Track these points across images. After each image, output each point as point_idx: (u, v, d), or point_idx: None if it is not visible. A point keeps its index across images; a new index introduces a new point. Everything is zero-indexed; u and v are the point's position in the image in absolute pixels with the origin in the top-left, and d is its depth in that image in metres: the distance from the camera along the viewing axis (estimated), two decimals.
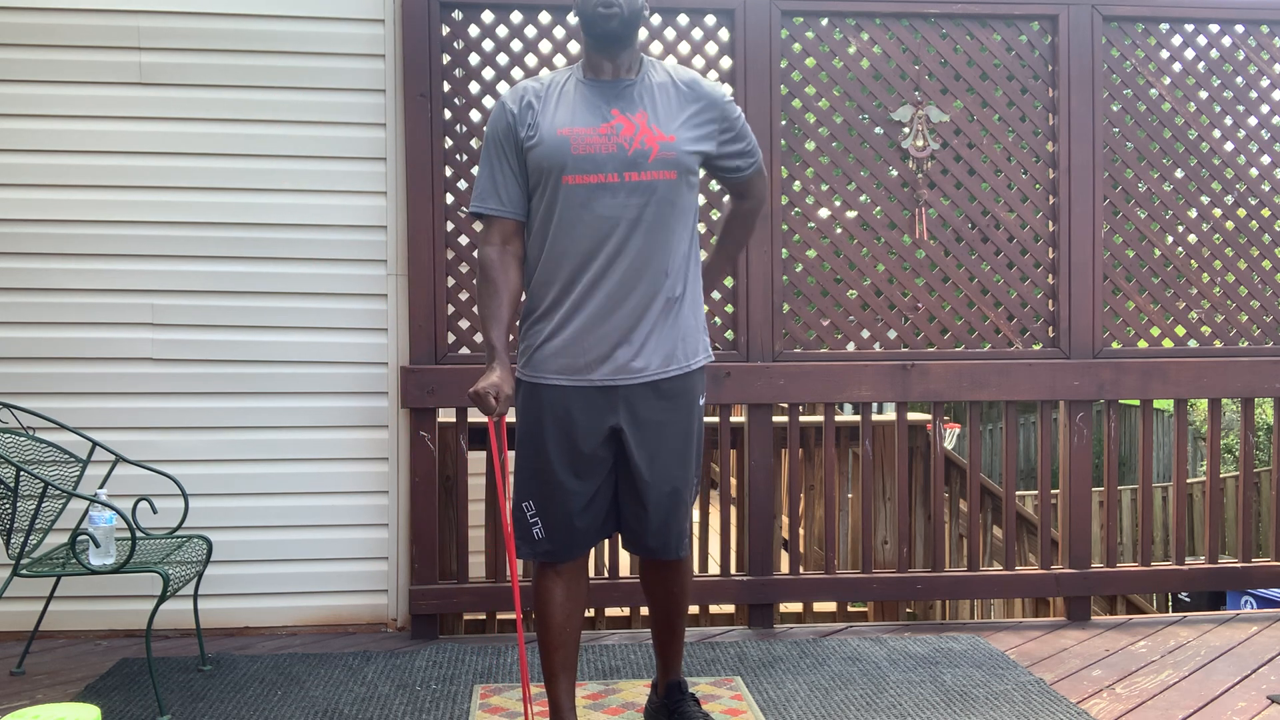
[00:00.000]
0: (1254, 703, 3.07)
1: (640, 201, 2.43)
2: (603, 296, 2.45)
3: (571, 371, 2.47)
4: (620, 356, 2.46)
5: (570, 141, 2.43)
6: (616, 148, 2.43)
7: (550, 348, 2.48)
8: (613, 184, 2.42)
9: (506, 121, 2.50)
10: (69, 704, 2.46)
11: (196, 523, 3.54)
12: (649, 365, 2.48)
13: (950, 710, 3.00)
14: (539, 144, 2.45)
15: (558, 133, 2.44)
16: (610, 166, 2.42)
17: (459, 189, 3.77)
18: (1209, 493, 4.24)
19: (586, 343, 2.46)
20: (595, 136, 2.43)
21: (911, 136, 3.90)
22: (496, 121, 2.52)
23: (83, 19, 3.68)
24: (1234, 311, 4.07)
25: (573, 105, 2.48)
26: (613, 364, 2.46)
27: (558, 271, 2.47)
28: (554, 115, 2.47)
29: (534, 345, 2.52)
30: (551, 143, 2.44)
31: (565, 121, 2.45)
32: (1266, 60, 4.06)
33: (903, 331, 3.95)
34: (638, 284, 2.45)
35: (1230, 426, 10.83)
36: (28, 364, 3.69)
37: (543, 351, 2.50)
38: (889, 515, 5.33)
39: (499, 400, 2.38)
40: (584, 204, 2.43)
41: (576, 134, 2.43)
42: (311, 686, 3.21)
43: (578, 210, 2.43)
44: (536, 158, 2.46)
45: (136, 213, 3.71)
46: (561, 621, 2.56)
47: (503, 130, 2.50)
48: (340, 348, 3.78)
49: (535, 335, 2.52)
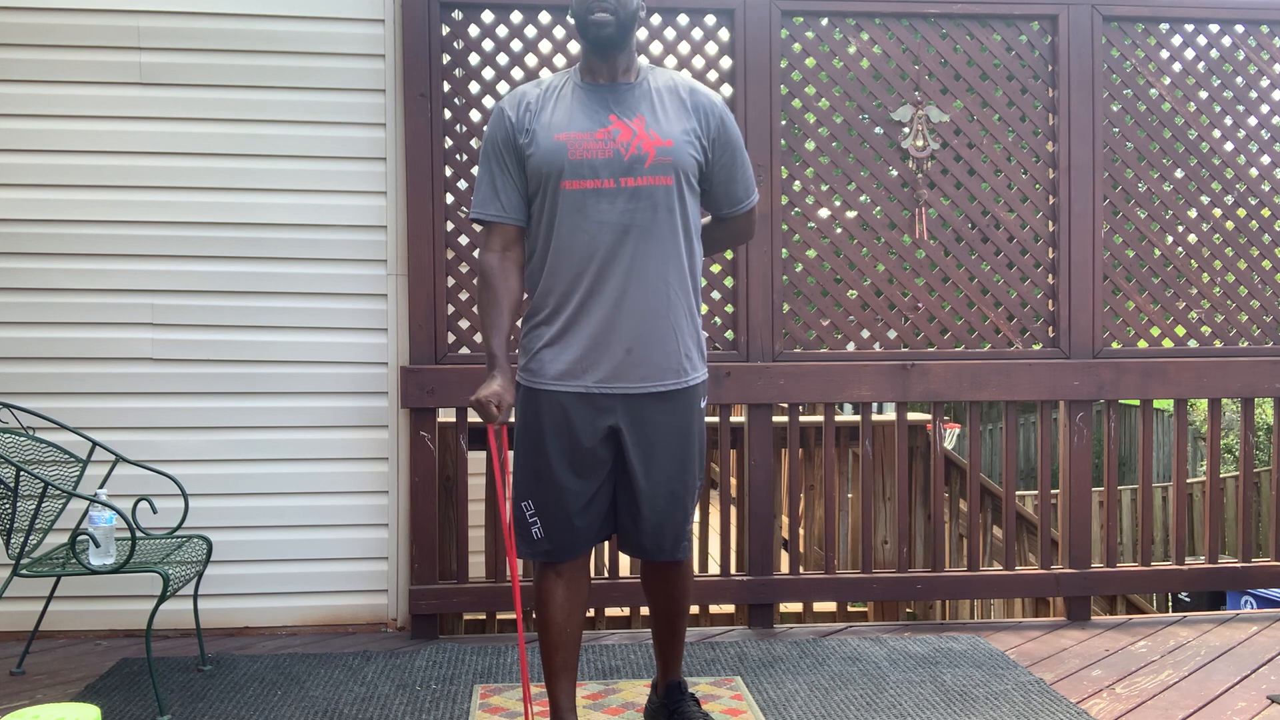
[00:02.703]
0: (1254, 703, 3.07)
1: (637, 207, 2.42)
2: (602, 303, 2.44)
3: (570, 377, 2.47)
4: (619, 365, 2.46)
5: (567, 147, 2.43)
6: (613, 153, 2.42)
7: (549, 353, 2.48)
8: (609, 190, 2.42)
9: (505, 128, 2.50)
10: (69, 704, 2.45)
11: (196, 523, 3.54)
12: (648, 376, 2.48)
13: (950, 710, 3.00)
14: (537, 150, 2.45)
15: (555, 138, 2.44)
16: (606, 172, 2.42)
17: (459, 189, 3.77)
18: (1209, 493, 4.24)
19: (585, 350, 2.46)
20: (592, 142, 2.43)
21: (911, 136, 3.90)
22: (495, 128, 2.52)
23: (83, 19, 3.68)
24: (1234, 311, 4.07)
25: (570, 110, 2.47)
26: (611, 372, 2.46)
27: (558, 277, 2.47)
28: (551, 120, 2.47)
29: (533, 349, 2.52)
30: (549, 148, 2.44)
31: (562, 126, 2.45)
32: (1266, 60, 4.06)
33: (903, 331, 3.95)
34: (637, 291, 2.44)
35: (1230, 426, 10.83)
36: (28, 364, 3.69)
37: (541, 357, 2.50)
38: (889, 515, 5.33)
39: (500, 409, 2.38)
40: (580, 209, 2.42)
41: (573, 139, 2.43)
42: (311, 686, 3.21)
43: (575, 216, 2.43)
44: (535, 164, 2.46)
45: (136, 213, 3.72)
46: (562, 621, 2.56)
47: (502, 137, 2.50)
48: (340, 348, 3.78)
49: (535, 339, 2.52)
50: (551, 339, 2.48)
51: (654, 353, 2.47)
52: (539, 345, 2.50)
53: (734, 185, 2.62)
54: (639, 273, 2.44)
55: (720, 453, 3.92)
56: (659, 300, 2.46)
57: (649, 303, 2.45)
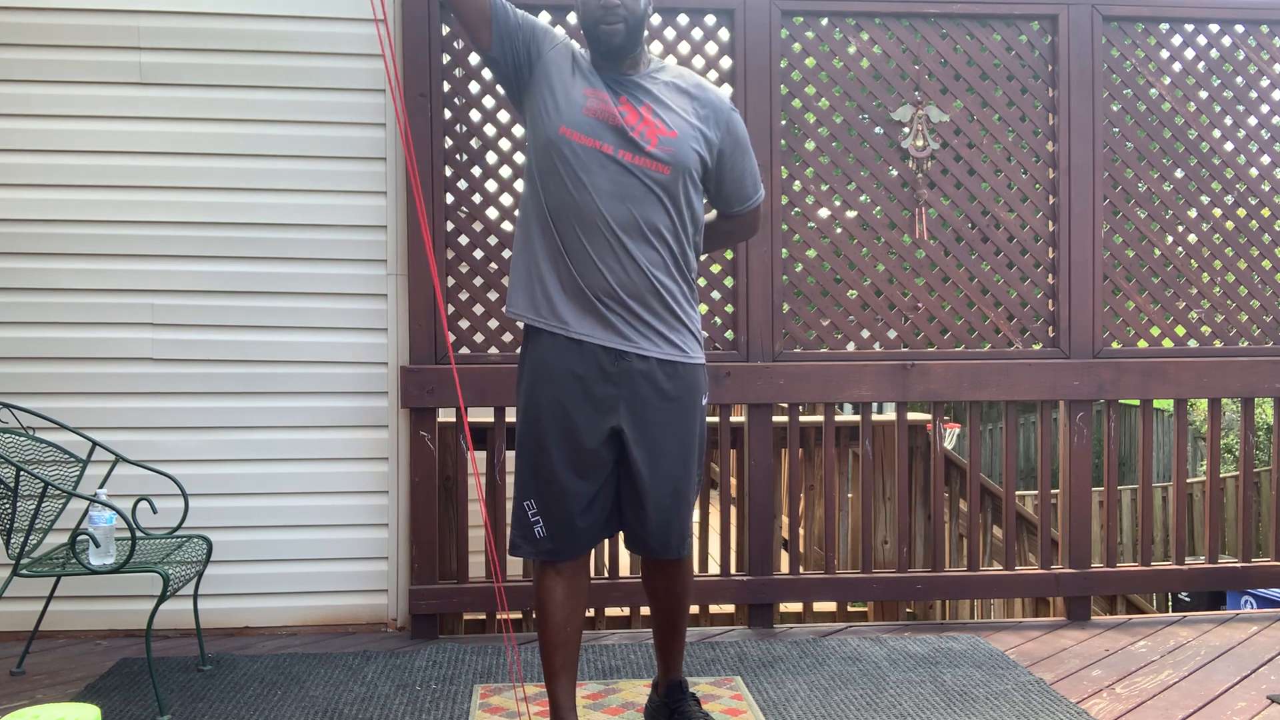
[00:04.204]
0: (1254, 703, 3.07)
1: (632, 182, 2.42)
2: (593, 259, 2.42)
3: (566, 325, 2.46)
4: (615, 326, 2.45)
5: (586, 102, 2.44)
6: (620, 124, 2.43)
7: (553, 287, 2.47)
8: (607, 154, 2.42)
9: (557, 44, 2.50)
10: (69, 704, 2.45)
11: (196, 523, 3.54)
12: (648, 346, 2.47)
13: (950, 710, 3.00)
14: (557, 85, 2.45)
15: (583, 91, 2.45)
16: (609, 139, 2.42)
17: (459, 189, 3.77)
18: (1209, 493, 4.24)
19: (582, 301, 2.45)
20: (606, 106, 2.44)
21: (911, 136, 3.90)
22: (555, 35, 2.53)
23: (83, 19, 3.68)
24: (1234, 311, 4.07)
25: (590, 78, 2.49)
26: (609, 330, 2.45)
27: (550, 228, 2.46)
28: (574, 76, 2.48)
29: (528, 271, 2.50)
30: (571, 93, 2.45)
31: (584, 85, 2.47)
32: (1266, 60, 4.06)
33: (903, 331, 3.95)
34: (628, 259, 2.43)
35: (1230, 426, 10.83)
36: (28, 364, 3.69)
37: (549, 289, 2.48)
38: (889, 515, 5.33)
39: None
40: (576, 159, 2.41)
41: (593, 95, 2.45)
42: (311, 686, 3.21)
43: (570, 166, 2.42)
44: (549, 91, 2.46)
45: (136, 213, 3.72)
46: (562, 621, 2.56)
47: (551, 41, 2.51)
48: (340, 347, 3.78)
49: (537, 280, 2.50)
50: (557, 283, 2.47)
51: (649, 322, 2.47)
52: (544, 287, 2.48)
53: (743, 182, 2.64)
54: (632, 240, 2.43)
55: (720, 453, 3.92)
56: (651, 273, 2.45)
57: (640, 272, 2.44)
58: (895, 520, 4.15)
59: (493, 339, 3.79)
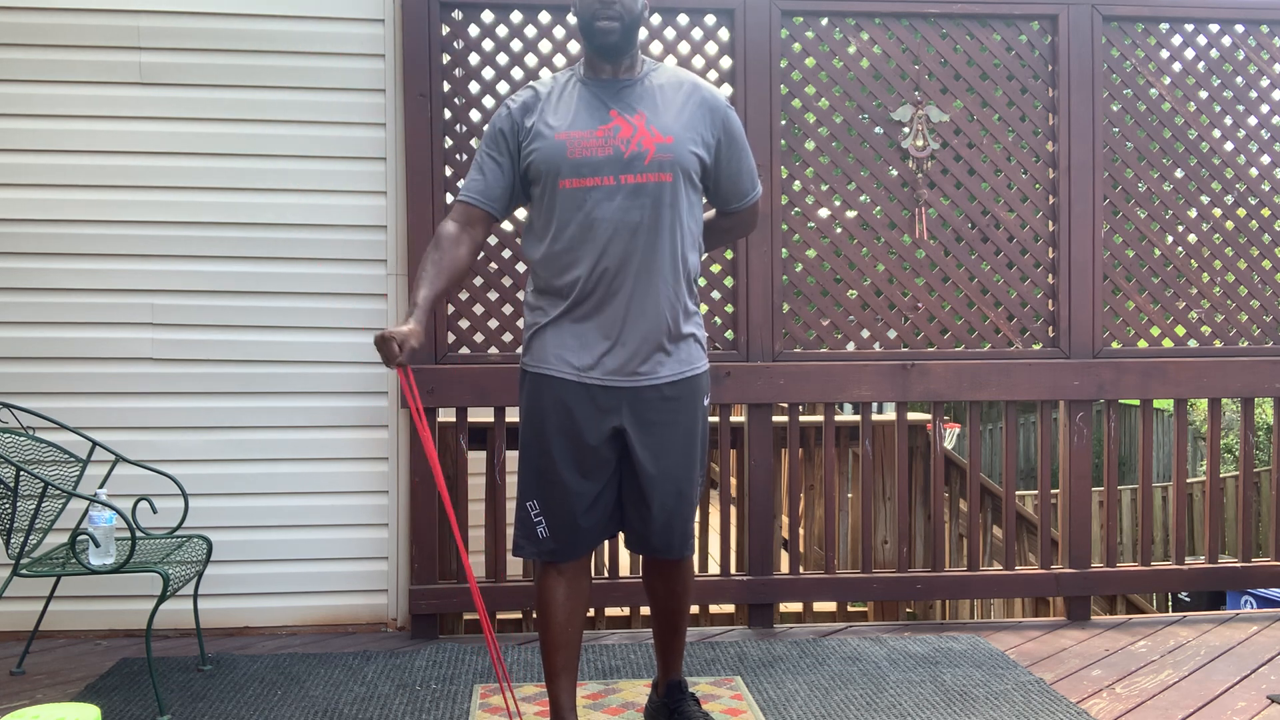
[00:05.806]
0: (1254, 702, 3.07)
1: (638, 204, 2.43)
2: (602, 299, 2.45)
3: (572, 368, 2.48)
4: (621, 361, 2.46)
5: (567, 146, 2.44)
6: (613, 150, 2.43)
7: (552, 339, 2.49)
8: (609, 187, 2.42)
9: (511, 121, 2.53)
10: (69, 704, 2.45)
11: (196, 523, 3.54)
12: (652, 371, 2.48)
13: (950, 710, 3.00)
14: (537, 149, 2.47)
15: (555, 137, 2.46)
16: (607, 169, 2.43)
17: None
18: (1209, 493, 4.23)
19: (587, 344, 2.47)
20: (592, 139, 2.44)
21: (911, 136, 3.90)
22: (500, 121, 2.56)
23: (83, 19, 3.68)
24: (1234, 311, 4.07)
25: (573, 108, 2.49)
26: (614, 368, 2.46)
27: (558, 272, 2.48)
28: (553, 119, 2.49)
29: (536, 330, 2.53)
30: (549, 147, 2.45)
31: (563, 125, 2.47)
32: (1266, 60, 4.06)
33: (903, 331, 3.95)
34: (637, 287, 2.44)
35: (1230, 426, 10.83)
36: (28, 364, 3.69)
37: (545, 341, 2.50)
38: (889, 515, 5.33)
39: (401, 350, 2.37)
40: (580, 207, 2.43)
41: (573, 138, 2.44)
42: (311, 686, 3.21)
43: (574, 213, 2.44)
44: (535, 162, 2.48)
45: (136, 213, 3.72)
46: (563, 621, 2.56)
47: (506, 128, 2.54)
48: (340, 347, 3.78)
49: (537, 328, 2.53)
50: (554, 330, 2.49)
51: (654, 349, 2.48)
52: (542, 324, 2.51)
53: (740, 180, 2.64)
54: (638, 269, 2.44)
55: (720, 453, 3.92)
56: (659, 296, 2.46)
57: (649, 298, 2.45)
58: (895, 520, 4.15)
59: (493, 339, 3.79)
